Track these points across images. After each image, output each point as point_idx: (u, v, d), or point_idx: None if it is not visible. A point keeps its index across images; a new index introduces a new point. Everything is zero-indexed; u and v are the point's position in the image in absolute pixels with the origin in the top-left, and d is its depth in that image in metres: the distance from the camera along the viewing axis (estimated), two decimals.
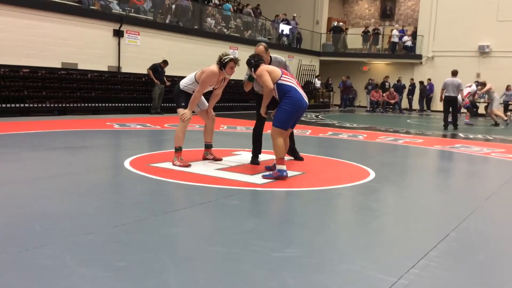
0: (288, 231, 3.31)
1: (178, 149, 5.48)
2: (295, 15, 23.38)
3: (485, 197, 4.68)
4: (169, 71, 14.26)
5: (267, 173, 5.06)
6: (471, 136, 11.02)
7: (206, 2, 19.33)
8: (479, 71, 22.35)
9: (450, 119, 13.00)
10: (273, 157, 5.12)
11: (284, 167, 4.92)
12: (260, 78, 5.06)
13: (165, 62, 13.99)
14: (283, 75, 5.02)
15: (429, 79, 22.83)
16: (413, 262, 2.75)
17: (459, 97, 12.98)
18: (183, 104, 5.51)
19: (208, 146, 5.92)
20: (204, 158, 5.88)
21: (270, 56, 5.83)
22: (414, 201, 4.59)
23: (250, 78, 5.55)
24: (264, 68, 5.11)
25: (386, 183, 5.22)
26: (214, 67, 5.39)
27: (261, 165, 5.66)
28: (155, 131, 9.46)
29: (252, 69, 5.17)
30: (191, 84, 5.54)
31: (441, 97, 13.08)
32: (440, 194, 5.04)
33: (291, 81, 5.03)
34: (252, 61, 5.18)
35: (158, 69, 13.81)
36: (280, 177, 4.87)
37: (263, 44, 5.72)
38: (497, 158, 7.64)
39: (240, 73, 6.20)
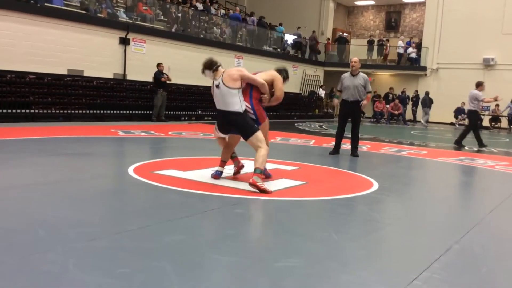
0: (291, 241, 3.31)
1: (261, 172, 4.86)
2: (299, 27, 23.54)
3: (489, 210, 4.67)
4: (174, 79, 14.31)
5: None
6: (475, 149, 10.99)
7: (264, 26, 21.63)
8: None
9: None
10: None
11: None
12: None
13: (159, 65, 13.77)
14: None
15: None
16: (415, 274, 2.74)
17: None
18: None
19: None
20: None
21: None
22: (417, 213, 4.58)
23: (337, 96, 8.77)
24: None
25: (389, 194, 5.21)
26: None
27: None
28: (159, 139, 9.49)
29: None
30: None
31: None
32: (443, 206, 5.02)
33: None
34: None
35: (159, 75, 13.69)
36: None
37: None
38: (501, 171, 7.62)
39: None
